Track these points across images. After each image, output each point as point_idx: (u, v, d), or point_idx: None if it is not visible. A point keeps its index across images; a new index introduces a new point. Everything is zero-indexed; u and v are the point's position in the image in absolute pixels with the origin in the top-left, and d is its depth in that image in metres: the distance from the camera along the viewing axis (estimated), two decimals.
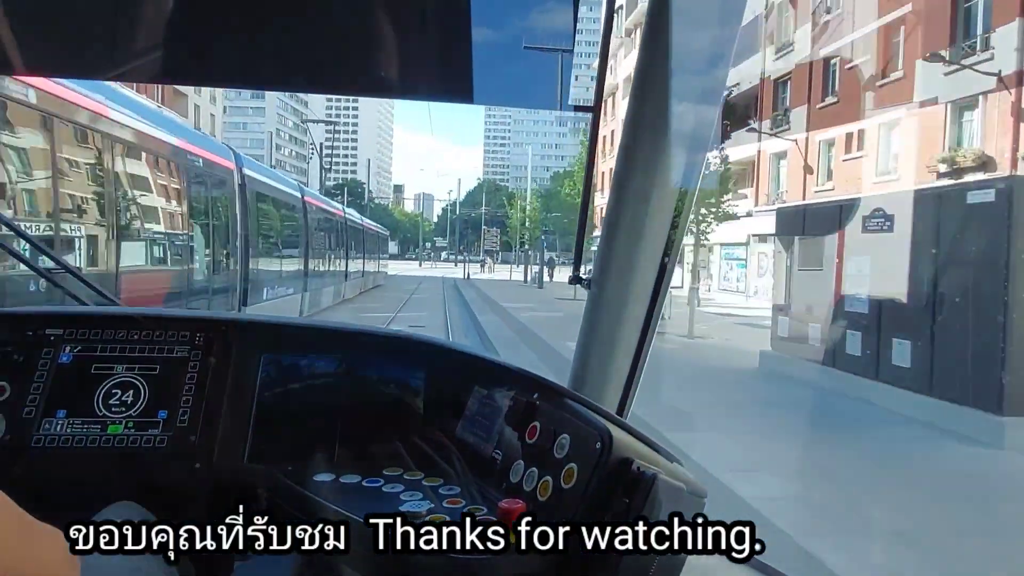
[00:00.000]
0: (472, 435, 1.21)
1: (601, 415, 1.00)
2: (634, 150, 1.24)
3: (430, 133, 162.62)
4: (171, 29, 1.24)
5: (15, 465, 1.16)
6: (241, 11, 1.26)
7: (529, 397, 1.13)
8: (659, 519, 0.85)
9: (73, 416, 1.22)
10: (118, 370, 1.27)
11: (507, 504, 0.92)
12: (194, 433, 1.22)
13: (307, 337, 1.41)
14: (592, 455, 0.93)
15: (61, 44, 1.30)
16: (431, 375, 1.32)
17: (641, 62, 1.21)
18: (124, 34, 1.26)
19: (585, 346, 1.33)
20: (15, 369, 1.24)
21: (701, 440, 6.04)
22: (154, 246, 8.24)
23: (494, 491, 1.08)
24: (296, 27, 1.26)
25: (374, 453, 1.23)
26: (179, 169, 8.61)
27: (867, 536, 4.29)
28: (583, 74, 1.35)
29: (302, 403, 1.32)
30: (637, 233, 1.26)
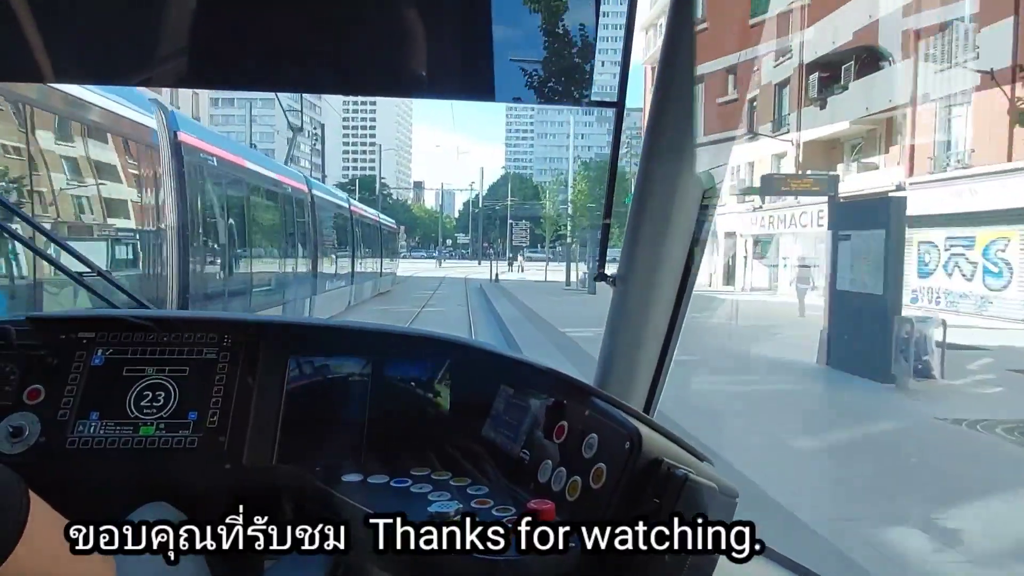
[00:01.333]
0: (499, 435, 1.21)
1: (630, 414, 0.99)
2: (659, 142, 1.22)
3: (451, 129, 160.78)
4: (197, 32, 1.25)
5: (50, 467, 1.18)
6: (264, 14, 1.26)
7: (556, 396, 1.12)
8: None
9: (106, 418, 1.24)
10: (149, 372, 1.29)
11: (536, 504, 0.92)
12: (223, 434, 1.24)
13: (333, 337, 1.42)
14: (621, 455, 0.92)
15: (97, 51, 1.32)
16: (457, 374, 1.32)
17: (665, 53, 1.20)
18: (149, 40, 1.27)
19: (611, 344, 1.32)
20: (49, 372, 1.26)
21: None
22: (290, 258, 12.61)
23: (522, 491, 1.07)
24: (316, 29, 1.26)
25: (401, 453, 1.23)
26: (289, 199, 12.70)
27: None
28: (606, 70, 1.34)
29: (329, 403, 1.32)
30: (663, 227, 1.24)
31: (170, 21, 1.25)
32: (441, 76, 1.32)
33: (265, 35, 1.28)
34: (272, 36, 1.28)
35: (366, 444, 1.27)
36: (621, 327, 1.31)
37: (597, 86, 1.24)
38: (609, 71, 1.22)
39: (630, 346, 1.30)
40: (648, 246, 1.26)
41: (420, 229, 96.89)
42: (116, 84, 6.00)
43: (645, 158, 1.24)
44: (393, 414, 1.31)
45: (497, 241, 53.98)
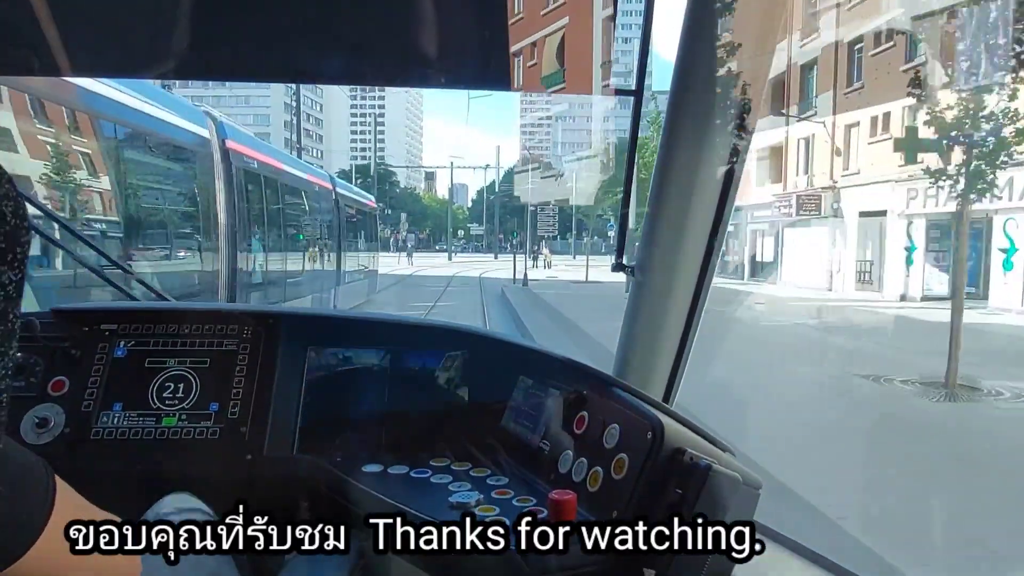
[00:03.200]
0: (518, 425, 1.21)
1: (651, 404, 0.98)
2: (679, 131, 1.21)
3: (464, 120, 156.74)
4: (202, 24, 1.24)
5: (75, 457, 1.20)
6: (275, 4, 1.26)
7: (576, 387, 1.12)
8: (715, 510, 0.84)
9: (129, 409, 1.25)
10: (170, 364, 1.30)
11: (558, 495, 0.91)
12: (244, 425, 1.25)
13: (352, 329, 1.42)
14: (643, 445, 0.92)
15: (103, 44, 1.32)
16: (475, 365, 1.32)
17: (684, 41, 1.18)
18: (153, 33, 1.27)
19: (629, 334, 1.31)
20: (73, 364, 1.28)
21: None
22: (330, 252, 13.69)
23: (542, 482, 1.07)
24: (328, 18, 1.26)
25: (421, 443, 1.24)
26: (327, 199, 14.03)
27: None
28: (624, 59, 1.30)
29: (348, 394, 1.33)
30: (682, 217, 1.23)
31: (176, 14, 1.24)
32: (458, 65, 1.31)
33: (275, 25, 1.27)
34: (282, 26, 1.27)
35: (385, 435, 1.28)
36: (640, 317, 1.30)
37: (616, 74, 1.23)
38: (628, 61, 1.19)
39: (649, 337, 1.29)
40: (668, 235, 1.25)
41: (431, 220, 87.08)
42: (117, 77, 6.19)
43: (665, 145, 1.23)
44: (411, 405, 1.31)
45: (515, 233, 43.52)
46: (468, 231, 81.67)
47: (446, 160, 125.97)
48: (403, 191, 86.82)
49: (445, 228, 75.34)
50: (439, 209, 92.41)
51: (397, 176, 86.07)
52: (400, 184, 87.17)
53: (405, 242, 53.87)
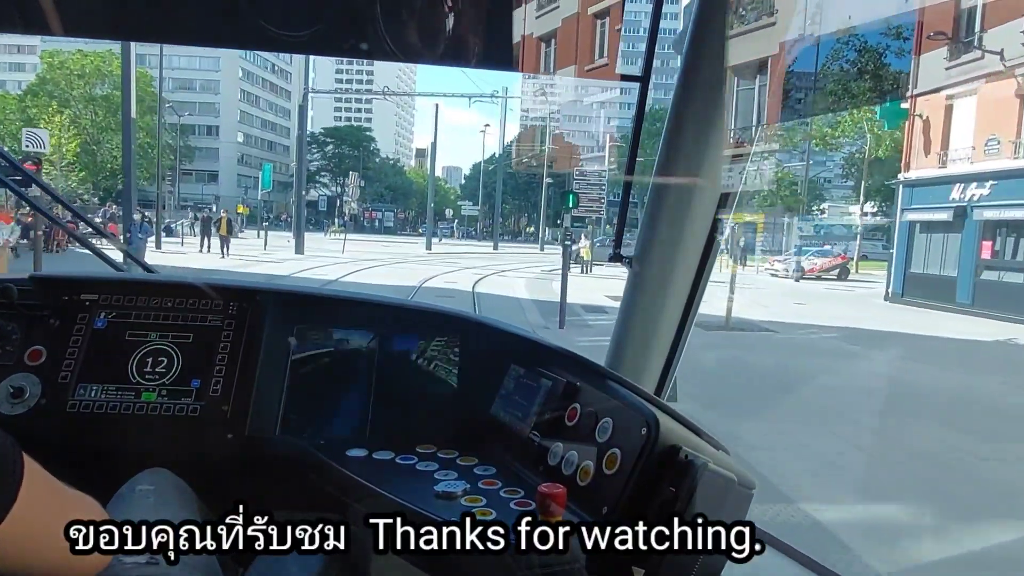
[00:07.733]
0: (508, 414, 1.19)
1: (647, 400, 0.97)
2: (683, 124, 1.19)
3: (466, 104, 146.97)
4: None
5: (50, 429, 1.17)
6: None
7: (569, 378, 1.10)
8: (708, 510, 0.83)
9: (107, 382, 1.22)
10: (152, 338, 1.26)
11: (547, 488, 0.90)
12: (227, 403, 1.22)
13: (341, 309, 1.39)
14: (637, 441, 0.90)
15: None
16: (466, 351, 1.29)
17: (692, 34, 1.16)
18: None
19: (624, 326, 1.30)
20: (51, 334, 1.24)
21: None
22: None
23: (531, 473, 1.06)
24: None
25: (407, 429, 1.22)
26: None
27: None
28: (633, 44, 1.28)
29: (335, 376, 1.30)
30: (683, 210, 1.21)
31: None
32: (462, 44, 1.27)
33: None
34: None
35: (371, 419, 1.25)
36: (636, 310, 1.28)
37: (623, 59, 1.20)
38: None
39: (644, 330, 1.28)
40: (667, 227, 1.23)
41: (416, 198, 67.37)
42: (80, 36, 5.95)
43: (667, 135, 1.20)
44: (399, 389, 1.29)
45: (522, 215, 30.13)
46: (459, 210, 64.57)
47: (443, 144, 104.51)
48: (384, 161, 71.21)
49: (435, 208, 45.63)
50: (425, 185, 53.09)
51: (378, 144, 69.52)
52: (380, 153, 70.76)
53: (355, 217, 39.45)
